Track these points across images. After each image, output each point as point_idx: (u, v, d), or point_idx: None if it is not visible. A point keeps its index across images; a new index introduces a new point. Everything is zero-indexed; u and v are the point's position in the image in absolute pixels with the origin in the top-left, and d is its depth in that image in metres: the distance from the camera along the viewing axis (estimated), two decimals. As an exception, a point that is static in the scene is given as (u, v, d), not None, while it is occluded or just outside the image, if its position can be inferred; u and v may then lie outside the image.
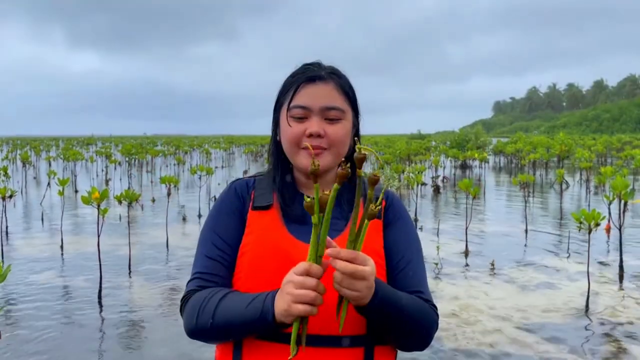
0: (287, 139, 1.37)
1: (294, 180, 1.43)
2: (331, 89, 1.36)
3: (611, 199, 6.79)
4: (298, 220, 1.35)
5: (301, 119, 1.35)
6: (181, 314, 1.35)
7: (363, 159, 1.09)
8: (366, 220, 1.13)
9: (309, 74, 1.37)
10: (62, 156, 23.70)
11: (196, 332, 1.29)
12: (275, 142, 1.44)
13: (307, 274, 1.10)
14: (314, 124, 1.33)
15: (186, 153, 33.14)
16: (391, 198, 1.47)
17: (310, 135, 1.33)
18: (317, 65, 1.40)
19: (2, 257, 7.39)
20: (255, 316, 1.18)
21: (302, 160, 1.35)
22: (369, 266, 1.12)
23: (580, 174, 17.86)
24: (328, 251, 1.11)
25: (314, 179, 1.09)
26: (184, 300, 1.34)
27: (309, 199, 1.07)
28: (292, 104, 1.35)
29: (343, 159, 1.19)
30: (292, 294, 1.11)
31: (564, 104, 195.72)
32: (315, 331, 1.23)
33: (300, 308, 1.10)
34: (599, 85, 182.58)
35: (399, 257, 1.37)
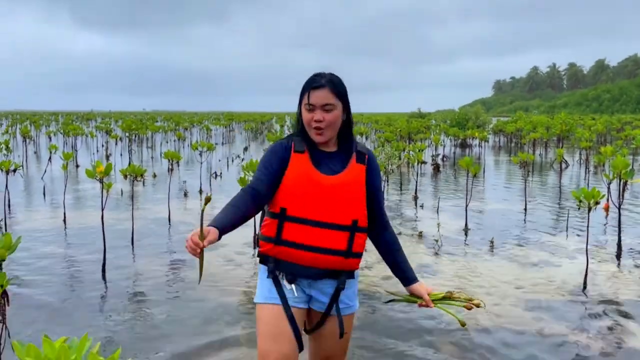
0: (304, 122, 2.32)
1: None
2: (327, 92, 2.27)
3: (611, 178, 6.84)
4: (319, 163, 2.32)
5: (310, 110, 2.28)
6: None
7: None
8: None
9: (315, 84, 2.27)
10: (62, 131, 23.65)
11: None
12: (300, 120, 2.36)
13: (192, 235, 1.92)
14: (318, 115, 2.27)
15: (186, 129, 33.05)
16: (370, 154, 2.42)
17: (316, 121, 2.27)
18: (320, 75, 2.31)
19: (6, 230, 7.44)
20: None
21: (313, 135, 2.32)
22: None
23: (580, 154, 17.89)
24: None
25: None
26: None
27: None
28: (305, 102, 2.30)
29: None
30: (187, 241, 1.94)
31: (565, 83, 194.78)
32: (323, 219, 2.24)
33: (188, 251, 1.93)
34: (600, 65, 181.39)
35: (373, 195, 2.39)
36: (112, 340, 4.11)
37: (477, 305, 2.34)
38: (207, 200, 2.00)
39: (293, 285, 2.29)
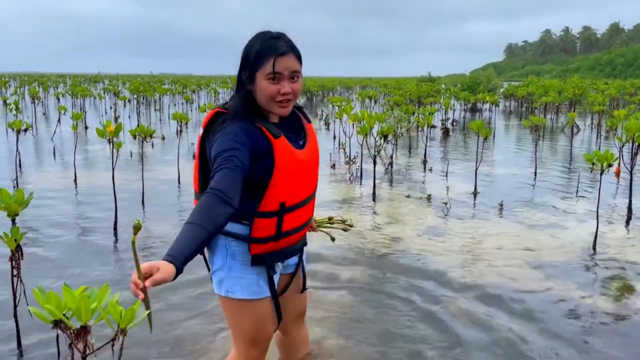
0: (266, 95, 2.02)
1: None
2: (294, 59, 2.02)
3: (624, 141, 6.76)
4: (290, 140, 2.11)
5: (274, 80, 2.00)
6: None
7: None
8: None
9: (280, 50, 1.98)
10: (70, 92, 23.61)
11: None
12: (244, 92, 2.08)
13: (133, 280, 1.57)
14: (286, 86, 2.01)
15: (194, 92, 32.89)
16: (299, 105, 2.29)
17: (284, 94, 2.01)
18: (278, 37, 2.02)
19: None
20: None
21: (277, 109, 2.06)
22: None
23: (592, 118, 17.70)
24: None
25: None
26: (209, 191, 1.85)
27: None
28: (269, 72, 1.99)
29: None
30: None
31: (578, 47, 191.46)
32: (308, 194, 2.17)
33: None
34: (614, 29, 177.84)
35: None
36: (122, 294, 4.16)
37: (350, 226, 2.72)
38: (137, 228, 1.59)
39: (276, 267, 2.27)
